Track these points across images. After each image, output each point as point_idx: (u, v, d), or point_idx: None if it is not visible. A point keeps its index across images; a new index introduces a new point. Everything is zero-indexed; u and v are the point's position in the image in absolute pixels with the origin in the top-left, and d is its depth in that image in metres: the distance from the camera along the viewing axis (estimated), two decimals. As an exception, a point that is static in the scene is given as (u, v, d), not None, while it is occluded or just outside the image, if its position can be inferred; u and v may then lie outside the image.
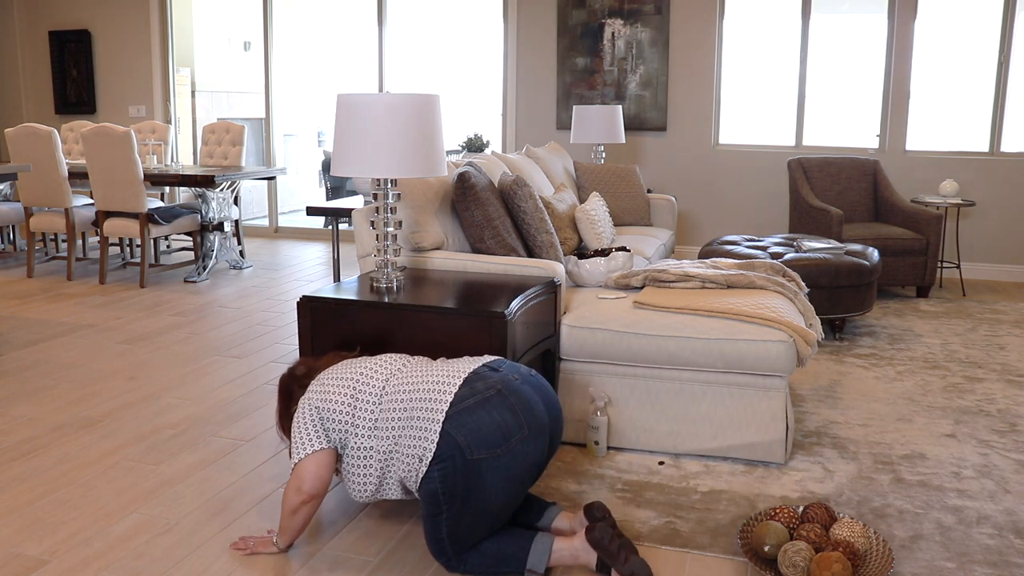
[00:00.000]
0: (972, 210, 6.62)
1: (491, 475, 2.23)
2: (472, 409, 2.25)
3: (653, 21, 7.05)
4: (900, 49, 6.66)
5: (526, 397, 2.32)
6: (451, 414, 2.24)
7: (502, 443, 2.23)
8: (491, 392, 2.29)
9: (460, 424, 2.23)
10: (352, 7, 11.37)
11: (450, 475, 2.21)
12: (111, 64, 8.61)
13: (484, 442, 2.22)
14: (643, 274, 3.59)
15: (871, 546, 2.41)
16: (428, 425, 2.25)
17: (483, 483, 2.22)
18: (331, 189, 10.14)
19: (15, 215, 6.83)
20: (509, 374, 2.38)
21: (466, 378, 2.33)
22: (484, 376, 2.34)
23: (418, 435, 2.26)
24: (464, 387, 2.30)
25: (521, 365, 2.49)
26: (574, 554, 2.31)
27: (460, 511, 2.24)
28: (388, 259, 3.00)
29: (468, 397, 2.27)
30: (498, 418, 2.25)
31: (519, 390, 2.33)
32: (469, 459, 2.21)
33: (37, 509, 2.73)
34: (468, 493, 2.22)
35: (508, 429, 2.25)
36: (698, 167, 7.17)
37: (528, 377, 2.41)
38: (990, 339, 4.83)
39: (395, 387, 2.36)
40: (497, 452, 2.22)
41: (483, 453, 2.21)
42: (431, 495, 2.24)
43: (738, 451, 3.13)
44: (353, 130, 2.85)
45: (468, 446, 2.21)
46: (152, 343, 4.63)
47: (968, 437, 3.40)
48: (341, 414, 2.35)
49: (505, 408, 2.27)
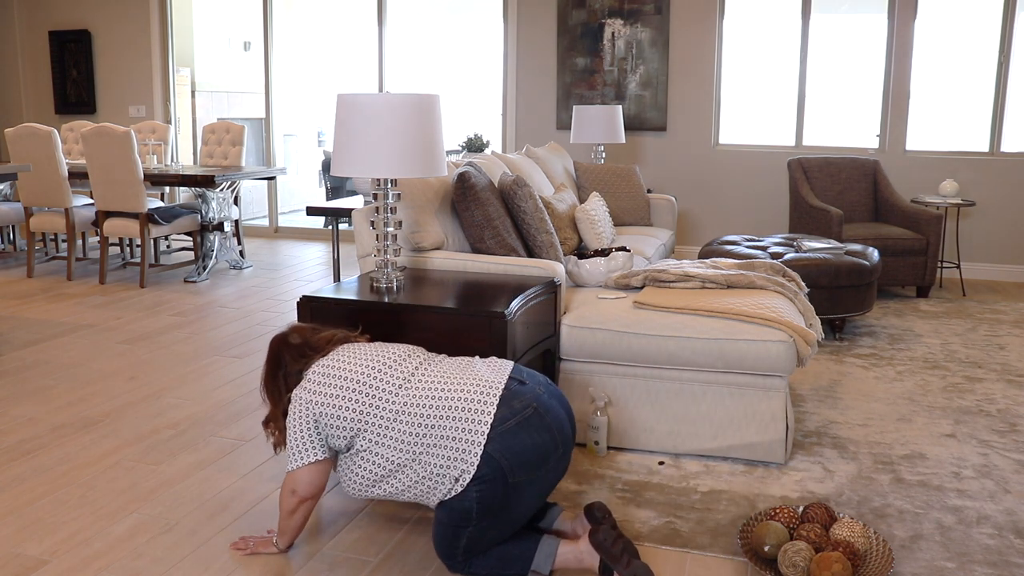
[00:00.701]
0: (972, 210, 6.62)
1: (527, 493, 2.24)
2: (514, 432, 2.22)
3: (653, 21, 7.05)
4: (900, 49, 6.66)
5: (557, 414, 2.31)
6: (492, 436, 2.21)
7: (542, 466, 2.24)
8: (529, 412, 2.26)
9: (504, 447, 2.20)
10: (352, 7, 11.36)
11: (488, 496, 2.20)
12: (111, 64, 8.61)
13: (526, 465, 2.22)
14: (643, 274, 3.59)
15: (871, 546, 2.41)
16: (467, 447, 2.20)
17: (519, 502, 2.24)
18: (331, 189, 10.14)
19: (15, 215, 6.83)
20: (535, 387, 2.35)
21: (501, 395, 2.28)
22: (517, 393, 2.30)
23: (454, 455, 2.21)
24: (502, 406, 2.25)
25: (536, 373, 2.46)
26: (578, 557, 2.31)
27: (488, 526, 2.24)
28: (388, 259, 3.00)
29: (508, 418, 2.24)
30: (538, 440, 2.24)
31: (550, 407, 2.31)
32: (510, 482, 2.20)
33: (37, 509, 2.73)
34: (502, 512, 2.23)
35: (546, 451, 2.25)
36: (698, 167, 7.17)
37: (548, 387, 2.40)
38: (990, 339, 4.83)
39: (417, 397, 2.28)
40: (536, 475, 2.24)
41: (523, 476, 2.22)
42: (463, 512, 2.22)
43: (738, 451, 3.13)
44: (353, 130, 2.85)
45: (511, 469, 2.20)
46: (152, 343, 4.63)
47: (968, 437, 3.40)
48: (346, 421, 2.28)
49: (543, 428, 2.26)
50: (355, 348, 2.42)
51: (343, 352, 2.40)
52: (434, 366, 2.40)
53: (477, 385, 2.30)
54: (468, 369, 2.38)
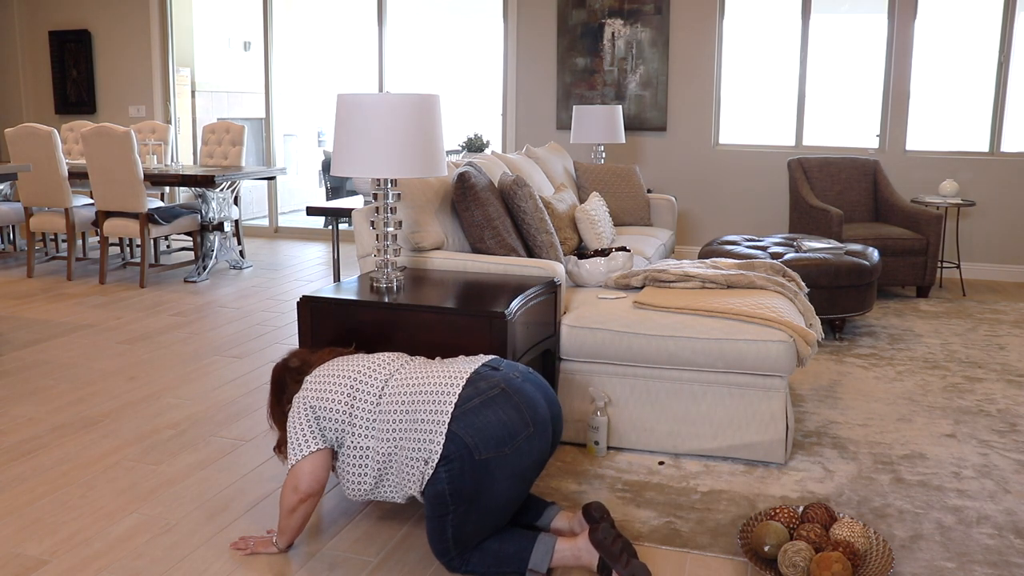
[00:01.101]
0: (972, 210, 6.62)
1: (499, 474, 2.23)
2: (478, 409, 2.25)
3: (653, 21, 7.05)
4: (900, 49, 6.66)
5: (529, 395, 2.33)
6: (457, 415, 2.24)
7: (509, 442, 2.24)
8: (495, 391, 2.29)
9: (467, 424, 2.23)
10: (352, 7, 11.37)
11: (458, 476, 2.21)
12: (111, 64, 8.61)
13: (491, 441, 2.22)
14: (643, 274, 3.59)
15: (871, 546, 2.41)
16: (433, 427, 2.24)
17: (491, 482, 2.23)
18: (331, 189, 10.14)
19: (15, 215, 6.83)
20: (510, 372, 2.38)
21: (468, 378, 2.32)
22: (486, 376, 2.34)
23: (422, 437, 2.25)
24: (468, 387, 2.30)
25: (519, 364, 2.49)
26: (576, 555, 2.31)
27: (467, 511, 2.24)
28: (388, 259, 3.00)
29: (473, 397, 2.27)
30: (504, 417, 2.25)
31: (521, 388, 2.34)
32: (477, 459, 2.21)
33: (37, 509, 2.73)
34: (475, 493, 2.23)
35: (514, 427, 2.25)
36: (698, 167, 7.17)
37: (528, 375, 2.42)
38: (990, 339, 4.83)
39: (395, 388, 2.35)
40: (504, 451, 2.23)
41: (491, 452, 2.22)
42: (438, 496, 2.24)
43: (738, 451, 3.13)
44: (353, 130, 2.85)
45: (476, 446, 2.21)
46: (152, 343, 4.63)
47: (968, 437, 3.40)
48: (338, 412, 2.35)
49: (510, 406, 2.28)
50: (347, 356, 2.52)
51: (335, 360, 2.50)
52: (416, 363, 2.47)
53: (447, 373, 2.36)
54: (446, 363, 2.44)
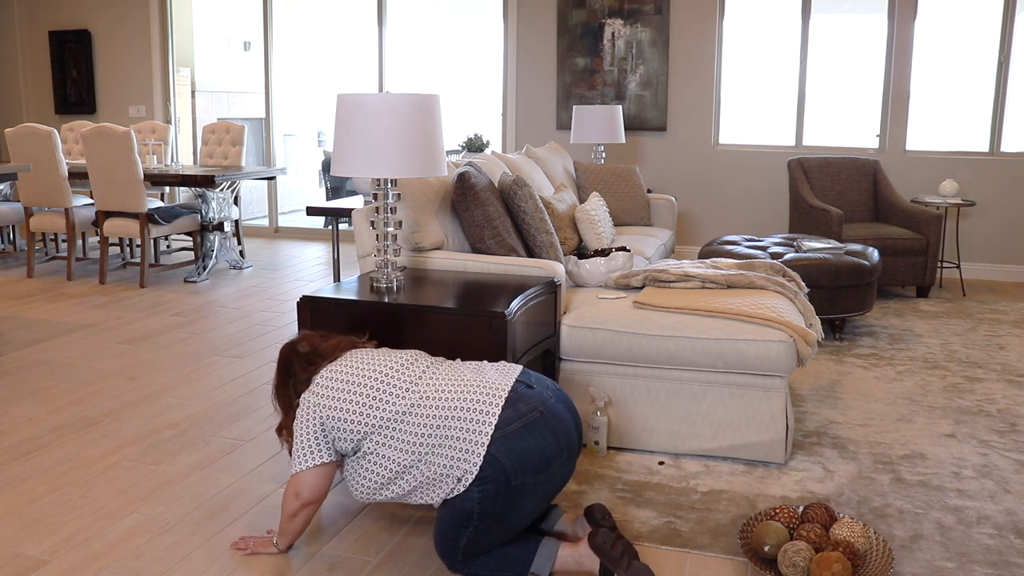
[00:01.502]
0: (972, 210, 6.62)
1: (530, 498, 2.24)
2: (518, 434, 2.22)
3: (653, 21, 7.05)
4: (900, 49, 6.66)
5: (564, 419, 2.31)
6: (496, 437, 2.21)
7: (545, 469, 2.24)
8: (535, 415, 2.26)
9: (507, 449, 2.20)
10: (352, 7, 11.37)
11: (490, 497, 2.20)
12: (111, 64, 8.61)
13: (529, 468, 2.21)
14: (643, 274, 3.59)
15: (871, 546, 2.41)
16: (471, 447, 2.20)
17: (521, 505, 2.23)
18: (331, 189, 10.14)
19: (15, 215, 6.83)
20: (543, 392, 2.34)
21: (507, 397, 2.28)
22: (524, 396, 2.30)
23: (457, 455, 2.21)
24: (508, 408, 2.25)
25: (545, 378, 2.45)
26: (578, 560, 2.31)
27: (488, 528, 2.24)
28: (388, 259, 3.00)
29: (514, 420, 2.24)
30: (543, 443, 2.23)
31: (556, 411, 2.31)
32: (513, 484, 2.20)
33: (37, 509, 2.73)
34: (503, 514, 2.23)
35: (551, 455, 2.24)
36: (698, 167, 7.17)
37: (557, 392, 2.39)
38: (990, 339, 4.83)
39: (424, 399, 2.29)
40: (539, 478, 2.23)
41: (527, 479, 2.21)
42: (465, 512, 2.22)
43: (738, 451, 3.13)
44: (353, 130, 2.85)
45: (514, 472, 2.20)
46: (152, 343, 4.63)
47: (968, 437, 3.40)
48: (353, 424, 2.29)
49: (549, 432, 2.25)
50: (363, 353, 2.44)
51: (351, 357, 2.42)
52: (442, 369, 2.41)
53: (483, 387, 2.30)
54: (476, 372, 2.38)
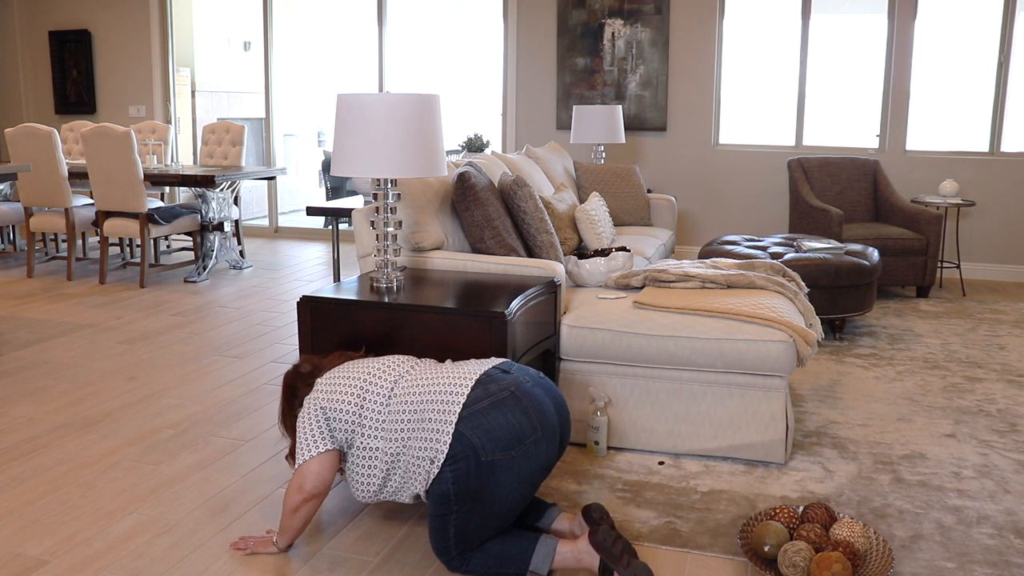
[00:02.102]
0: (972, 210, 6.62)
1: (504, 477, 2.23)
2: (486, 411, 2.25)
3: (653, 21, 7.05)
4: (900, 49, 6.66)
5: (538, 399, 2.33)
6: (465, 415, 2.24)
7: (516, 445, 2.24)
8: (504, 394, 2.30)
9: (475, 426, 2.23)
10: (352, 7, 11.37)
11: (463, 476, 2.21)
12: (111, 64, 8.61)
13: (499, 444, 2.22)
14: (643, 274, 3.59)
15: (871, 546, 2.41)
16: (440, 427, 2.25)
17: (496, 485, 2.23)
18: (331, 189, 10.15)
19: (15, 215, 6.83)
20: (520, 376, 2.38)
21: (478, 379, 2.33)
22: (496, 378, 2.35)
23: (430, 436, 2.26)
24: (477, 388, 2.30)
25: (529, 368, 2.49)
26: (577, 557, 2.31)
27: (470, 512, 2.24)
28: (388, 259, 3.00)
29: (482, 399, 2.28)
30: (512, 420, 2.25)
31: (531, 392, 2.34)
32: (483, 460, 2.21)
33: (37, 509, 2.73)
34: (480, 494, 2.23)
35: (522, 431, 2.25)
36: (698, 167, 7.17)
37: (538, 379, 2.42)
38: (990, 339, 4.83)
39: (404, 388, 2.36)
40: (511, 454, 2.23)
41: (497, 455, 2.22)
42: (442, 496, 2.24)
43: (738, 451, 3.13)
44: (353, 130, 2.85)
45: (483, 447, 2.21)
46: (152, 343, 4.63)
47: (968, 437, 3.40)
48: (348, 414, 2.35)
49: (519, 410, 2.28)
50: (357, 360, 2.52)
51: (346, 363, 2.51)
52: (426, 364, 2.48)
53: (457, 375, 2.36)
54: (456, 365, 2.44)
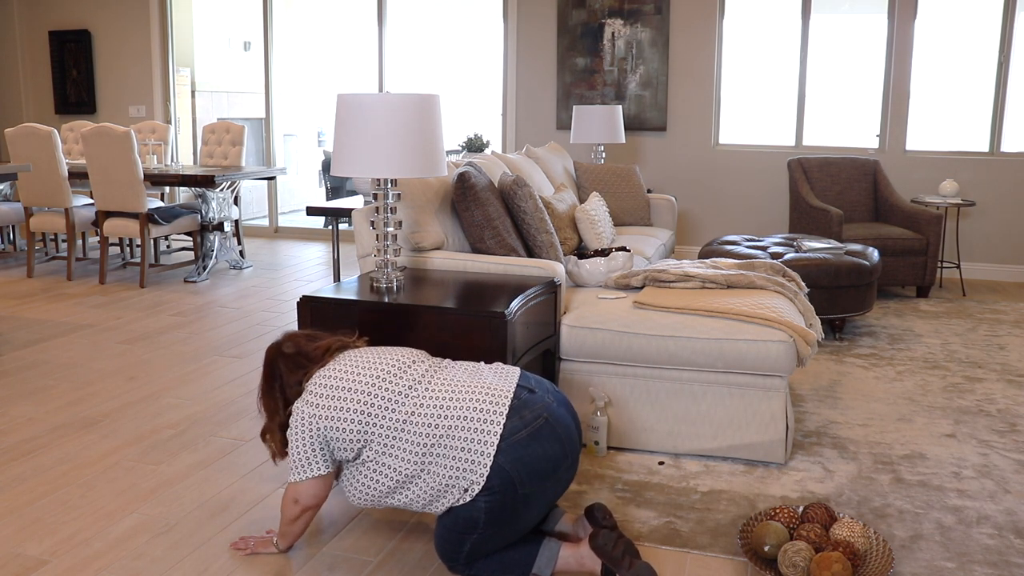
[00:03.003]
0: (972, 210, 6.61)
1: (535, 504, 2.23)
2: (525, 443, 2.20)
3: (653, 21, 7.05)
4: (900, 49, 6.66)
5: (566, 424, 2.30)
6: (503, 447, 2.18)
7: (551, 475, 2.23)
8: (540, 422, 2.23)
9: (514, 459, 2.18)
10: (352, 7, 11.37)
11: (497, 507, 2.18)
12: (111, 64, 8.61)
13: (535, 476, 2.20)
14: (643, 274, 3.59)
15: (871, 546, 2.41)
16: (476, 457, 2.18)
17: (526, 512, 2.23)
18: (331, 189, 10.15)
19: (15, 215, 6.83)
20: (544, 396, 2.31)
21: (511, 405, 2.24)
22: (528, 403, 2.26)
23: (461, 465, 2.18)
24: (512, 416, 2.22)
25: (544, 379, 2.43)
26: (579, 560, 2.31)
27: (493, 535, 2.23)
28: (388, 259, 3.00)
29: (520, 429, 2.21)
30: (548, 451, 2.21)
31: (560, 417, 2.29)
32: (520, 492, 2.19)
33: (37, 509, 2.73)
34: (509, 521, 2.22)
35: (557, 461, 2.23)
36: (698, 167, 7.17)
37: (556, 395, 2.37)
38: (990, 339, 4.83)
39: (423, 406, 2.24)
40: (546, 485, 2.23)
41: (534, 487, 2.20)
42: (470, 520, 2.20)
43: (738, 451, 3.13)
44: (353, 130, 2.85)
45: (521, 481, 2.18)
46: (152, 343, 4.63)
47: (968, 437, 3.40)
48: (352, 432, 2.24)
49: (554, 439, 2.24)
50: (356, 355, 2.37)
51: (343, 361, 2.35)
52: (440, 372, 2.36)
53: (485, 394, 2.25)
54: (475, 376, 2.34)
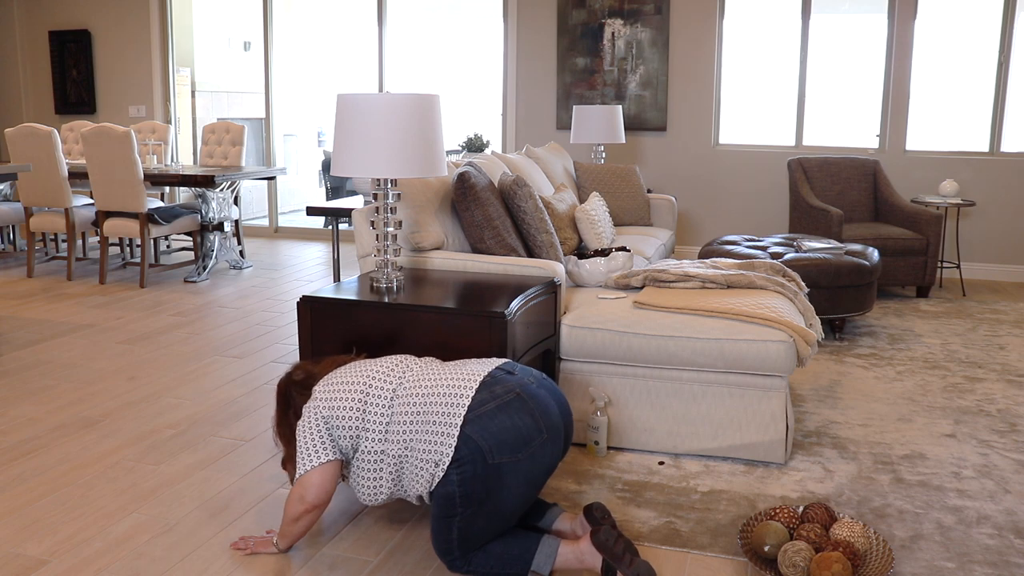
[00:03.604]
0: (972, 210, 6.62)
1: (510, 479, 2.23)
2: (493, 413, 2.24)
3: (653, 21, 7.05)
4: (900, 49, 6.66)
5: (543, 401, 2.32)
6: (471, 418, 2.23)
7: (523, 448, 2.23)
8: (510, 396, 2.28)
9: (481, 428, 2.22)
10: (352, 7, 11.37)
11: (469, 479, 2.20)
12: (111, 64, 8.61)
13: (505, 446, 2.21)
14: (643, 274, 3.59)
15: (871, 546, 2.41)
16: (445, 429, 2.23)
17: (501, 487, 2.23)
18: (331, 189, 10.15)
19: (15, 215, 6.83)
20: (524, 377, 2.37)
21: (483, 381, 2.31)
22: (501, 380, 2.33)
23: (434, 439, 2.24)
24: (482, 390, 2.28)
25: (532, 368, 2.48)
26: (579, 557, 2.31)
27: (475, 514, 2.23)
28: (388, 259, 3.00)
29: (488, 401, 2.26)
30: (519, 422, 2.24)
31: (536, 394, 2.33)
32: (490, 463, 2.20)
33: (37, 509, 2.73)
34: (486, 496, 2.22)
35: (528, 433, 2.24)
36: (698, 167, 7.17)
37: (542, 380, 2.41)
38: (990, 339, 4.83)
39: (407, 389, 2.34)
40: (518, 457, 2.23)
41: (504, 457, 2.21)
42: (447, 497, 2.23)
43: (738, 451, 3.13)
44: (353, 130, 2.85)
45: (490, 450, 2.20)
46: (152, 343, 4.63)
47: (968, 437, 3.40)
48: (350, 420, 2.33)
49: (525, 412, 2.26)
50: (354, 363, 2.49)
51: (343, 368, 2.47)
52: (428, 364, 2.45)
53: (461, 375, 2.34)
54: (459, 365, 2.43)
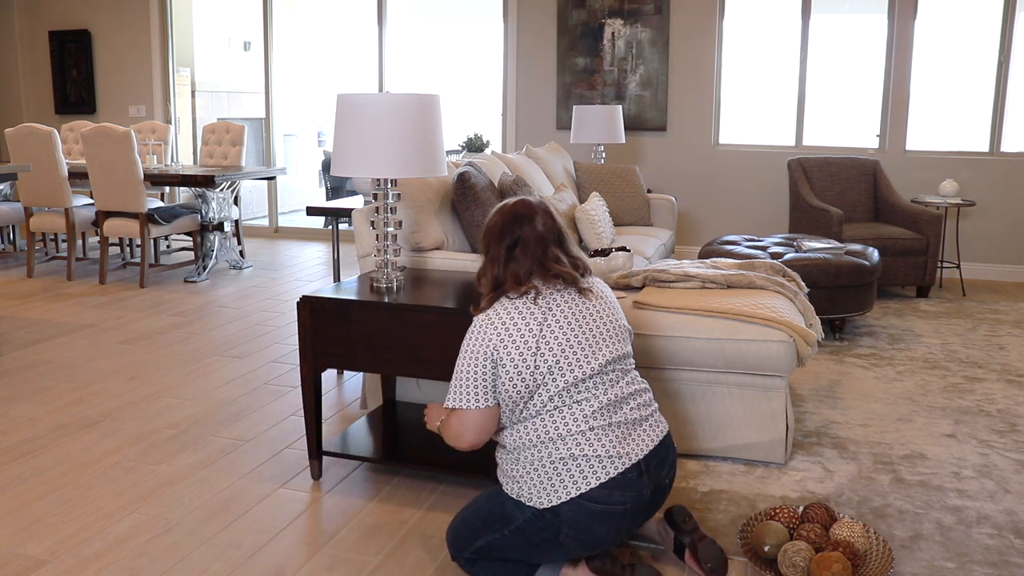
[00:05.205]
0: (972, 210, 6.61)
1: (561, 554, 2.22)
2: (593, 514, 2.13)
3: (653, 21, 7.05)
4: (900, 49, 6.66)
5: (641, 516, 2.24)
6: (577, 500, 2.13)
7: (592, 549, 2.21)
8: (619, 509, 2.16)
9: (574, 518, 2.13)
10: (352, 7, 11.37)
11: (533, 531, 2.16)
12: (111, 64, 8.61)
13: (580, 543, 2.17)
14: (643, 274, 3.59)
15: (871, 546, 2.41)
16: (554, 487, 2.14)
17: (550, 553, 2.22)
18: (331, 189, 10.15)
19: (15, 215, 6.83)
20: (643, 488, 2.19)
21: (613, 477, 2.13)
22: (626, 484, 2.15)
23: (543, 480, 2.15)
24: (607, 487, 2.13)
25: (670, 454, 2.30)
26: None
27: (513, 546, 2.21)
28: (388, 259, 3.00)
29: (598, 500, 2.13)
30: (604, 534, 2.17)
31: (639, 512, 2.22)
32: (559, 540, 2.16)
33: (37, 509, 2.73)
34: (532, 549, 2.20)
35: (604, 542, 2.20)
36: (698, 167, 7.17)
37: (658, 487, 2.26)
38: (990, 339, 4.83)
39: (582, 399, 2.18)
40: (580, 551, 2.21)
41: (572, 544, 2.17)
42: (506, 516, 2.20)
43: (738, 451, 3.13)
44: (353, 130, 2.85)
45: (565, 536, 2.15)
46: (152, 343, 4.63)
47: (968, 437, 3.40)
48: (523, 363, 2.13)
49: (617, 529, 2.18)
50: (554, 310, 2.20)
51: (541, 312, 2.19)
52: (625, 376, 2.28)
53: (612, 439, 2.16)
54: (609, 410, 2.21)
